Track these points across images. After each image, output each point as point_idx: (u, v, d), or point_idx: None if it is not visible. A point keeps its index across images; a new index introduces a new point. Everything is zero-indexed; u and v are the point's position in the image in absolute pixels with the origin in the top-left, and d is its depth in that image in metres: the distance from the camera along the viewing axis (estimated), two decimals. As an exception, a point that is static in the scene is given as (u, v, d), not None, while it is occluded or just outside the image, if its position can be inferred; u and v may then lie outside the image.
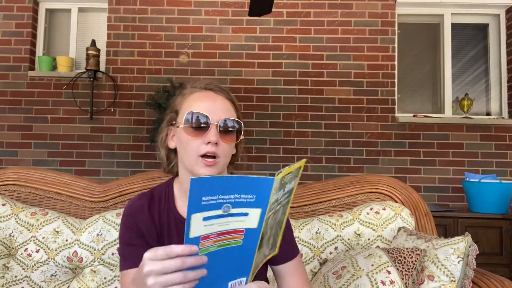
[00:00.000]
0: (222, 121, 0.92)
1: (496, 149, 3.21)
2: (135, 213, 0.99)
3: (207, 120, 0.91)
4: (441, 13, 3.44)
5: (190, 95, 0.97)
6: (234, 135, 0.94)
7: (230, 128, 0.93)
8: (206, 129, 0.90)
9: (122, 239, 0.99)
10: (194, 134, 0.91)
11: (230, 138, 0.94)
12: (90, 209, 1.53)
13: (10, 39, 3.31)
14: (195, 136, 0.91)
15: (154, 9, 3.33)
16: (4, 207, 1.42)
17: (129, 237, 0.97)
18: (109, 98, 3.28)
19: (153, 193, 1.04)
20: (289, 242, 1.04)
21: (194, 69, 3.29)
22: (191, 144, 0.91)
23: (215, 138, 0.90)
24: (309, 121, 3.25)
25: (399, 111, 3.38)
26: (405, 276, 1.15)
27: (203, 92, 0.97)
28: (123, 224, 1.00)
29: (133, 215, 0.99)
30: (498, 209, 2.62)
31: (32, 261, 1.34)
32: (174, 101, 1.02)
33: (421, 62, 3.51)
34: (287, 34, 3.31)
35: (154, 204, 1.01)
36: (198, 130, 0.91)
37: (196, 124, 0.91)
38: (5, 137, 3.25)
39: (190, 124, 0.91)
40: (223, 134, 0.92)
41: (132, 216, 0.99)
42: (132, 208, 1.01)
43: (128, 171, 3.23)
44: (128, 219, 0.99)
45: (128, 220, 0.99)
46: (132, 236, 0.97)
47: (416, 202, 1.56)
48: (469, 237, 1.19)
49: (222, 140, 0.92)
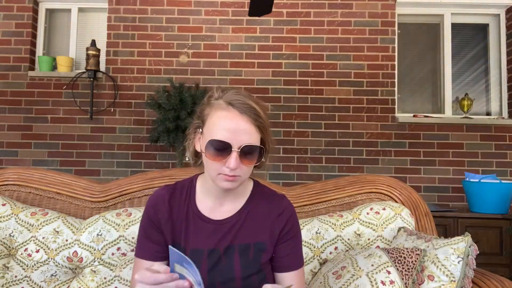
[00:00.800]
0: (244, 146, 0.93)
1: (496, 149, 3.21)
2: (157, 204, 1.04)
3: (229, 147, 0.92)
4: (441, 13, 3.44)
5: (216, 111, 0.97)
6: (255, 157, 0.95)
7: (250, 154, 0.94)
8: (227, 154, 0.92)
9: (142, 227, 1.04)
10: (215, 158, 0.93)
11: (251, 161, 0.95)
12: (90, 209, 1.53)
13: (10, 39, 3.31)
14: (216, 160, 0.93)
15: (154, 9, 3.33)
16: (4, 207, 1.42)
17: (148, 228, 1.03)
18: (109, 98, 3.28)
19: (176, 186, 1.08)
20: (296, 252, 1.05)
21: (194, 69, 3.29)
22: (213, 164, 0.94)
23: (234, 165, 0.91)
24: (309, 121, 3.25)
25: (399, 111, 3.39)
26: (405, 276, 1.15)
27: (228, 111, 0.96)
28: (146, 213, 1.04)
29: (155, 205, 1.03)
30: (498, 209, 2.62)
31: (32, 261, 1.34)
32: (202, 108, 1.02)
33: (421, 62, 3.51)
34: (287, 34, 3.31)
35: (175, 197, 1.05)
36: (219, 155, 0.93)
37: (217, 150, 0.93)
38: (5, 137, 3.25)
39: (212, 149, 0.93)
40: (244, 158, 0.93)
41: (154, 206, 1.03)
42: (155, 198, 1.05)
43: (128, 171, 3.23)
44: (150, 209, 1.04)
45: (150, 211, 1.03)
46: (150, 228, 1.02)
47: (416, 202, 1.56)
48: (469, 237, 1.19)
49: (243, 163, 0.93)
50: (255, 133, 0.96)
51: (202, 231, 1.02)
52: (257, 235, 1.02)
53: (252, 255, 1.00)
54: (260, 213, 1.05)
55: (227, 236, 1.01)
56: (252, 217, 1.04)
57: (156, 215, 1.03)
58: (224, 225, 1.02)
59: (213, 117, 0.97)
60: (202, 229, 1.02)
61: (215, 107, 0.98)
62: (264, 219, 1.04)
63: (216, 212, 1.04)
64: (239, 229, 1.02)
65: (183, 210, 1.04)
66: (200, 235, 1.01)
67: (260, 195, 1.08)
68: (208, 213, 1.03)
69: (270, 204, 1.06)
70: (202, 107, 1.02)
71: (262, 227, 1.03)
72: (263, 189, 1.11)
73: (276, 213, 1.04)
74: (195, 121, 1.04)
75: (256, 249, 1.01)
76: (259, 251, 1.01)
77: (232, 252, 1.00)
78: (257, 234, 1.02)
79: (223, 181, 0.94)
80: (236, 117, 0.95)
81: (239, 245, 1.01)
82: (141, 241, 1.04)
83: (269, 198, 1.07)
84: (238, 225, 1.02)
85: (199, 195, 1.06)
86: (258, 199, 1.07)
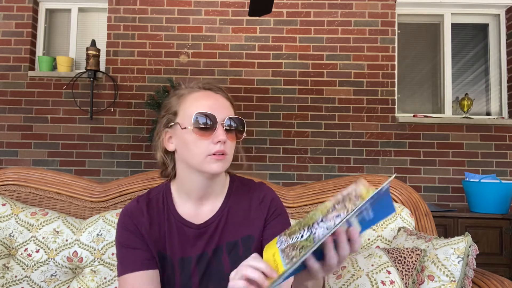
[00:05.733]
0: (227, 119, 0.93)
1: (496, 149, 3.21)
2: (134, 216, 0.98)
3: (214, 120, 0.92)
4: (441, 13, 3.44)
5: (189, 95, 0.97)
6: (237, 132, 0.96)
7: (234, 126, 0.94)
8: (213, 129, 0.91)
9: (122, 242, 0.97)
10: (202, 134, 0.91)
11: (234, 136, 0.95)
12: (90, 209, 1.53)
13: (10, 39, 3.31)
14: (203, 136, 0.91)
15: (154, 9, 3.33)
16: (4, 207, 1.42)
17: (130, 240, 0.96)
18: (109, 98, 3.28)
19: (150, 196, 1.03)
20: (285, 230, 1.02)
21: (194, 69, 3.29)
22: (199, 145, 0.91)
23: (223, 137, 0.91)
24: (309, 121, 3.25)
25: (399, 111, 3.38)
26: (405, 276, 1.15)
27: (202, 92, 0.97)
28: (122, 226, 0.98)
29: (132, 218, 0.98)
30: (498, 209, 2.62)
31: (32, 261, 1.34)
32: (169, 102, 1.00)
33: (421, 62, 3.51)
34: (287, 34, 3.31)
35: (153, 207, 1.00)
36: (206, 130, 0.91)
37: (204, 125, 0.91)
38: (5, 137, 3.25)
39: (198, 124, 0.91)
40: (228, 132, 0.93)
41: (131, 218, 0.98)
42: (130, 211, 0.99)
43: (128, 171, 3.23)
44: (127, 221, 0.97)
45: (127, 222, 0.97)
46: (132, 239, 0.96)
47: (416, 202, 1.56)
48: (469, 237, 1.19)
49: (228, 138, 0.93)
50: (232, 108, 0.98)
51: (186, 238, 0.98)
52: (243, 230, 0.99)
53: (241, 252, 0.98)
54: (242, 206, 1.02)
55: (213, 238, 0.98)
56: (234, 212, 1.01)
57: (137, 227, 0.96)
58: (208, 227, 0.99)
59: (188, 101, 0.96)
60: (187, 235, 0.98)
61: (187, 93, 0.98)
62: (246, 211, 1.02)
63: (198, 215, 1.00)
64: (224, 228, 0.99)
65: (163, 219, 0.99)
66: (186, 243, 0.98)
67: (238, 188, 1.05)
68: (190, 218, 0.99)
69: (249, 194, 1.04)
70: (170, 101, 1.00)
71: (246, 220, 1.00)
72: (241, 181, 1.08)
73: (257, 201, 1.02)
74: (164, 117, 0.99)
75: (244, 245, 0.98)
76: (247, 246, 0.98)
77: (221, 252, 0.98)
78: (243, 229, 1.00)
79: (212, 163, 0.91)
80: (212, 94, 0.97)
81: (227, 243, 0.98)
82: (124, 255, 0.95)
83: (248, 189, 1.05)
84: (222, 224, 0.99)
85: (177, 201, 1.01)
86: (237, 192, 1.04)
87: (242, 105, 3.25)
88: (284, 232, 0.76)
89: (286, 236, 0.75)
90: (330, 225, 0.67)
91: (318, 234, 0.67)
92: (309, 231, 0.71)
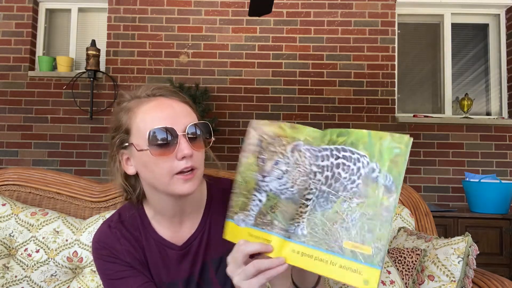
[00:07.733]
0: (190, 127, 0.79)
1: (496, 149, 3.21)
2: (110, 245, 0.88)
3: (174, 133, 0.78)
4: (441, 13, 3.44)
5: (138, 109, 0.82)
6: (204, 139, 0.82)
7: (199, 134, 0.81)
8: (174, 144, 0.78)
9: (108, 275, 0.87)
10: (162, 153, 0.77)
11: (201, 145, 0.82)
12: (90, 209, 1.53)
13: (10, 39, 3.31)
14: (164, 155, 0.77)
15: (154, 9, 3.33)
16: (4, 207, 1.42)
17: (115, 271, 0.86)
18: (109, 98, 3.28)
19: (122, 219, 0.92)
20: None
21: (194, 69, 3.29)
22: (161, 165, 0.78)
23: (188, 150, 0.78)
24: (309, 121, 3.25)
25: (399, 111, 3.38)
26: (405, 276, 1.15)
27: (153, 101, 0.82)
28: (101, 258, 0.88)
29: (108, 248, 0.88)
30: (498, 209, 2.62)
31: (32, 261, 1.34)
32: (117, 120, 0.85)
33: (421, 62, 3.51)
34: (287, 34, 3.31)
35: (128, 231, 0.90)
36: (166, 147, 0.77)
37: (162, 141, 0.77)
38: (5, 137, 3.25)
39: (156, 142, 0.77)
40: (193, 142, 0.80)
41: (107, 249, 0.88)
42: (104, 241, 0.89)
43: (128, 171, 3.23)
44: (104, 252, 0.87)
45: (105, 254, 0.87)
46: (117, 269, 0.87)
47: (416, 202, 1.56)
48: (469, 237, 1.19)
49: (194, 149, 0.79)
50: (192, 113, 0.84)
51: (170, 260, 0.89)
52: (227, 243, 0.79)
53: None
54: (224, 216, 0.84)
55: (198, 257, 0.90)
56: (216, 225, 0.90)
57: (117, 256, 0.87)
58: (191, 246, 0.90)
59: (138, 116, 0.81)
60: (169, 257, 0.90)
61: (134, 106, 0.83)
62: None
63: (178, 235, 0.91)
64: (207, 244, 0.90)
65: (142, 243, 0.89)
66: (171, 265, 0.89)
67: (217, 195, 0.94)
68: (171, 238, 0.90)
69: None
70: (117, 118, 0.85)
71: None
72: (219, 184, 0.95)
73: None
74: (115, 138, 0.85)
75: None
76: None
77: (207, 271, 0.90)
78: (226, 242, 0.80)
79: (180, 184, 0.79)
80: (165, 101, 0.82)
81: (212, 260, 0.90)
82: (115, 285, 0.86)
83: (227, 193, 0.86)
84: (204, 240, 0.90)
85: (153, 222, 0.91)
86: (216, 200, 0.93)
87: (242, 105, 3.25)
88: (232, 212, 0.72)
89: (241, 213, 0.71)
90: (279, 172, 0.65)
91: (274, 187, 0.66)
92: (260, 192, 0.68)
